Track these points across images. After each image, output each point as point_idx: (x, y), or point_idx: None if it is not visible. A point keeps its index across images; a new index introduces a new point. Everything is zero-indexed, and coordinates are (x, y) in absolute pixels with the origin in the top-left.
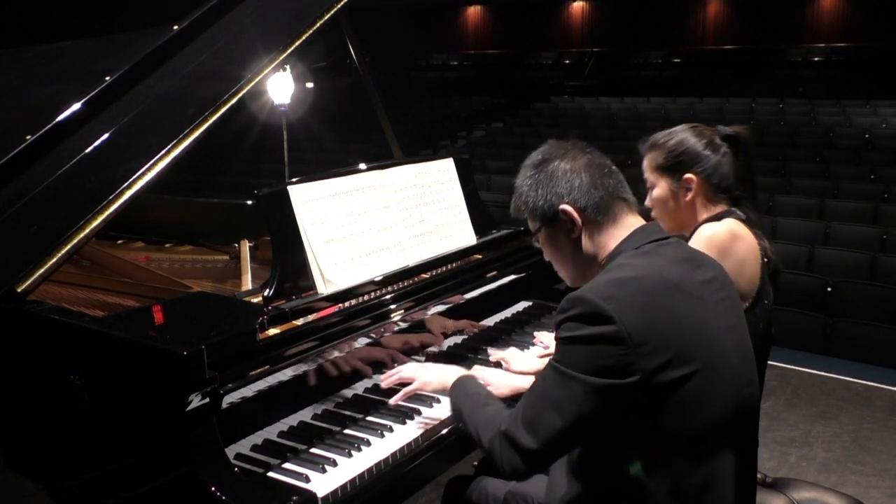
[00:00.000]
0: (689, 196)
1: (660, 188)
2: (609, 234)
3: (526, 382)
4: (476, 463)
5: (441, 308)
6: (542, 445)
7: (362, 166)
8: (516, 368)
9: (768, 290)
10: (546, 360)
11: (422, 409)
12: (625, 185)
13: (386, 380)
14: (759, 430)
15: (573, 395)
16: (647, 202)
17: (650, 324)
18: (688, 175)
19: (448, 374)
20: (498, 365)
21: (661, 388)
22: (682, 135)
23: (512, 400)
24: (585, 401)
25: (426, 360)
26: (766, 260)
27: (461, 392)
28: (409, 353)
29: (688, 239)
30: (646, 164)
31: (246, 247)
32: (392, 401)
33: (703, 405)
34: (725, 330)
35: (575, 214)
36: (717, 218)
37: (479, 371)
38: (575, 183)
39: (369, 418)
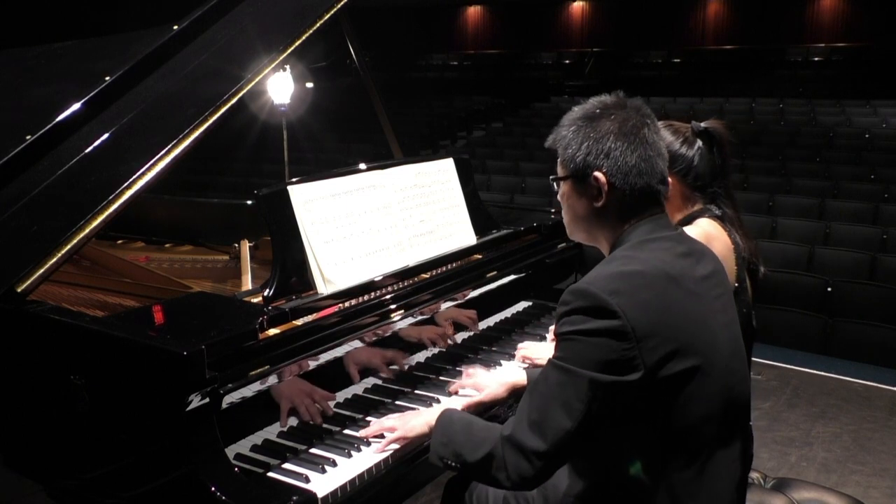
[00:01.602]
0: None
1: None
2: (628, 219)
3: (519, 377)
4: None
5: (441, 308)
6: (552, 447)
7: (362, 166)
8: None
9: (746, 286)
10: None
11: (421, 409)
12: (665, 173)
13: (367, 432)
14: (760, 430)
15: (579, 392)
16: None
17: (653, 319)
18: None
19: (429, 413)
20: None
21: (661, 382)
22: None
23: (512, 400)
24: (592, 398)
25: (426, 361)
26: (742, 256)
27: (448, 422)
28: (409, 352)
29: None
30: None
31: (246, 247)
32: (378, 448)
33: (699, 401)
34: (722, 326)
35: (606, 188)
36: (691, 218)
37: (468, 381)
38: (620, 159)
39: (369, 418)
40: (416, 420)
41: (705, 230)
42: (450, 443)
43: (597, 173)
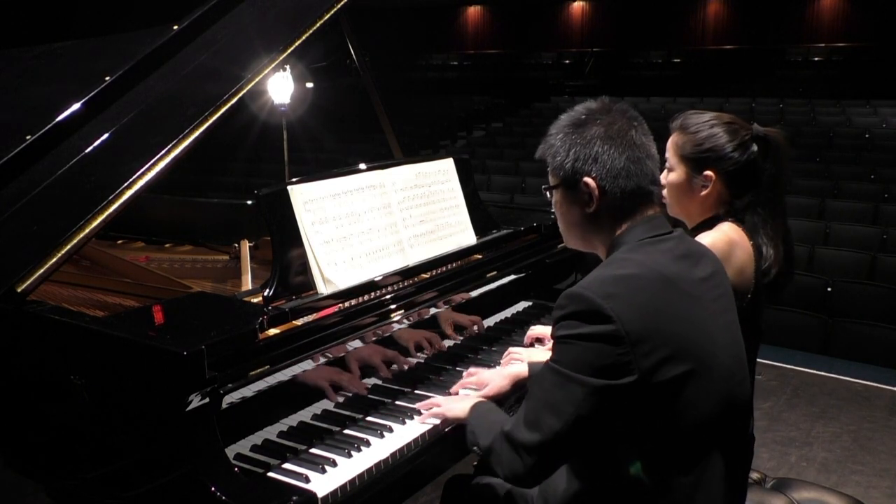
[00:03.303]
0: (705, 192)
1: (677, 174)
2: (622, 222)
3: (521, 368)
4: (476, 463)
5: (441, 308)
6: (542, 448)
7: (362, 166)
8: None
9: (762, 292)
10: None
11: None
12: (656, 174)
13: (420, 404)
14: (759, 430)
15: (572, 396)
16: (661, 180)
17: (648, 323)
18: (708, 172)
19: (468, 402)
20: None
21: (656, 387)
22: (716, 129)
23: (517, 392)
24: (584, 402)
25: (426, 361)
26: (760, 264)
27: (476, 411)
28: (410, 353)
29: (687, 231)
30: (670, 143)
31: (246, 247)
32: (420, 418)
33: (697, 404)
34: (720, 328)
35: (596, 192)
36: (714, 221)
37: (475, 378)
38: (608, 163)
39: (369, 418)
40: (457, 404)
41: (728, 236)
42: (473, 431)
43: (586, 179)
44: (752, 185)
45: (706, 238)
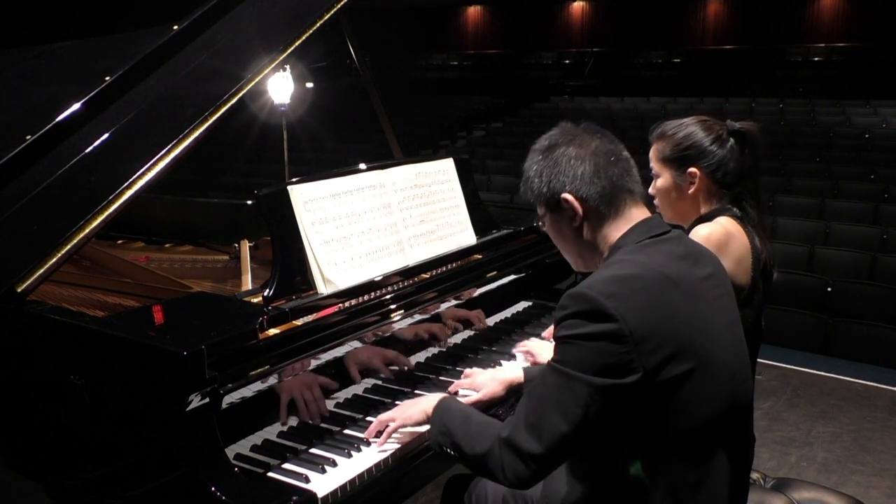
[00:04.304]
0: (692, 189)
1: (664, 179)
2: (611, 226)
3: (517, 374)
4: None
5: (441, 308)
6: (547, 450)
7: (362, 166)
8: (544, 359)
9: (759, 286)
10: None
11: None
12: (632, 174)
13: (369, 431)
14: (759, 430)
15: (577, 396)
16: (651, 190)
17: (651, 322)
18: (692, 169)
19: (427, 401)
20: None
21: (660, 386)
22: (691, 128)
23: (511, 397)
24: (589, 402)
25: (426, 361)
26: (759, 259)
27: (446, 411)
28: (409, 353)
29: (686, 233)
30: (652, 153)
31: (246, 247)
32: (378, 441)
33: (700, 403)
34: (722, 327)
35: (577, 204)
36: (712, 215)
37: (466, 381)
38: (578, 171)
39: (369, 418)
40: (413, 409)
41: (726, 228)
42: (448, 433)
43: (564, 195)
44: (737, 178)
45: (703, 230)
